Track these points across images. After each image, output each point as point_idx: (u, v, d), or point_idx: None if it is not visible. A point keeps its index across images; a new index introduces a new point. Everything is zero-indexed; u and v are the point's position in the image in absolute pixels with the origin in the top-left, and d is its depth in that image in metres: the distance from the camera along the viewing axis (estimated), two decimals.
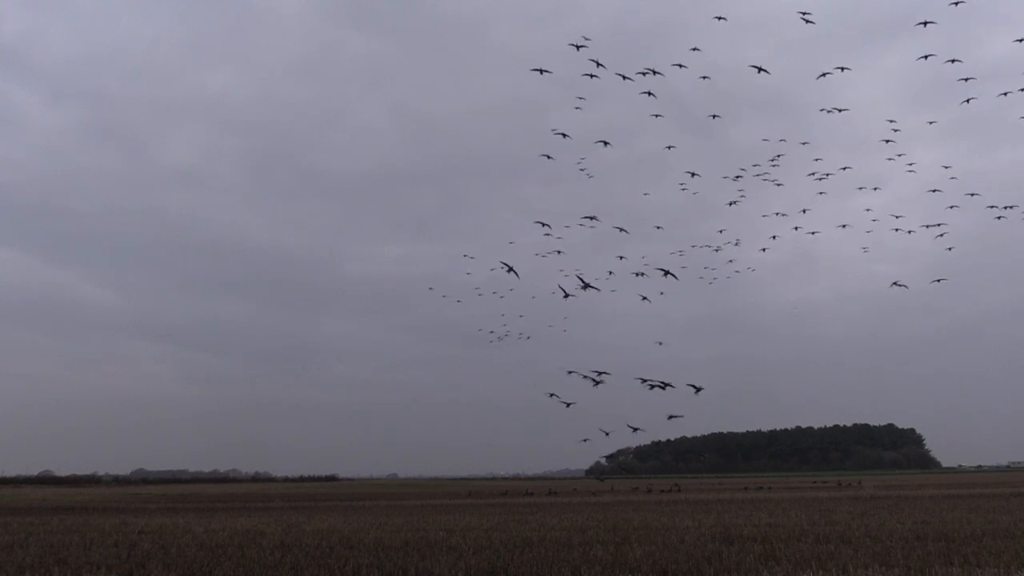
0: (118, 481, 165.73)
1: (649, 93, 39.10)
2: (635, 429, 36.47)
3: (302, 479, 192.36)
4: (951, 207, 49.61)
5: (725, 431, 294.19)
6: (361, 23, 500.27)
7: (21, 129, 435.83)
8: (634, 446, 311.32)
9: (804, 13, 35.66)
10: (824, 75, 42.08)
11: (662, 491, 64.60)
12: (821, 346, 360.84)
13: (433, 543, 20.19)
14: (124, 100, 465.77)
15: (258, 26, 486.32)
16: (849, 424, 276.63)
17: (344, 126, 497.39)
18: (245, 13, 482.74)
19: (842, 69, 42.11)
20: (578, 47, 33.69)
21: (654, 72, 33.88)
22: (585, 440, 40.60)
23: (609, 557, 16.53)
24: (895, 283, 49.08)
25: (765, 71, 39.23)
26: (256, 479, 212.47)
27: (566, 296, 30.11)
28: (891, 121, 48.32)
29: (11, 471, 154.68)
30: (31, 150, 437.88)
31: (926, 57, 40.05)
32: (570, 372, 30.32)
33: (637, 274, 40.73)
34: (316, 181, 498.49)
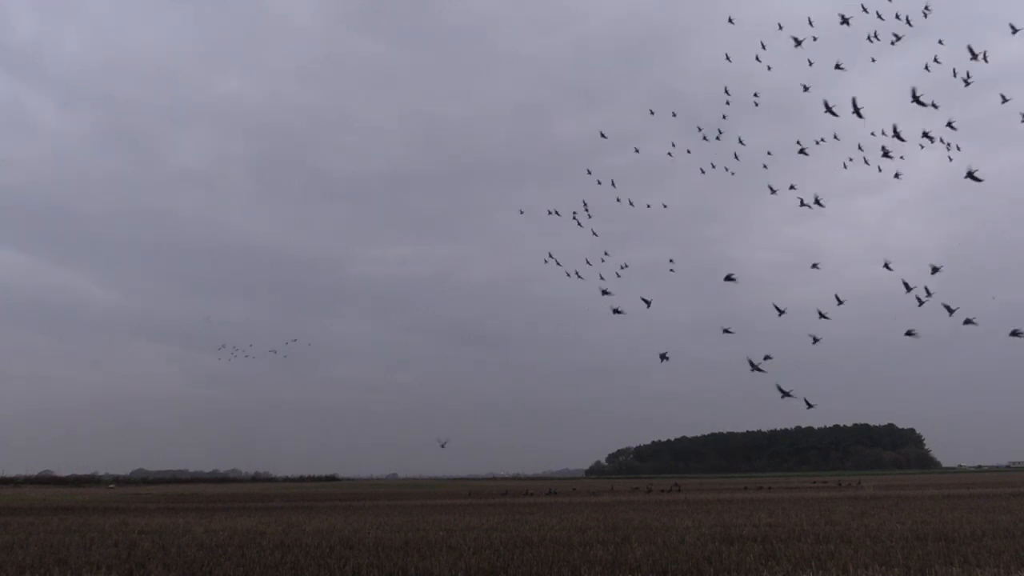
0: (118, 481, 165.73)
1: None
2: (443, 445, 39.03)
3: (302, 479, 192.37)
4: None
5: (725, 431, 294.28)
6: (370, 29, 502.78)
7: (33, 133, 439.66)
8: (634, 446, 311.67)
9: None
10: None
11: (662, 491, 64.60)
12: (821, 346, 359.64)
13: (433, 543, 20.18)
14: (135, 104, 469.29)
15: (269, 32, 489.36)
16: (849, 424, 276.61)
17: (353, 129, 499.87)
18: (256, 19, 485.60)
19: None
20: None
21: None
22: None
23: (609, 557, 16.51)
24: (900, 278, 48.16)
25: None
26: (256, 479, 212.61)
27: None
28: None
29: (11, 471, 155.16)
30: (42, 153, 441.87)
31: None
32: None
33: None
34: (324, 184, 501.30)
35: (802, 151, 49.20)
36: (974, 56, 34.53)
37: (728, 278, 31.78)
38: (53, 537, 23.79)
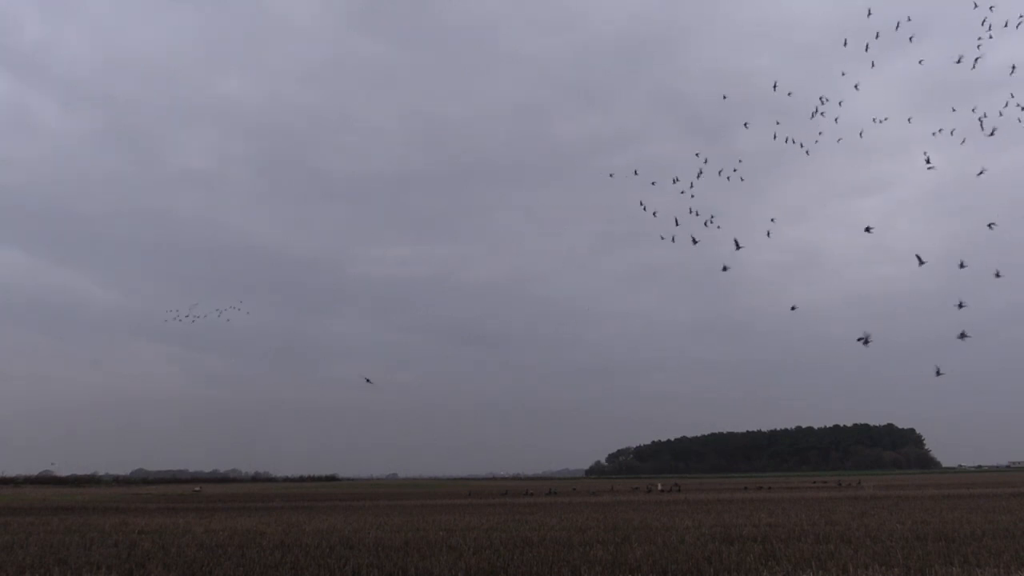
0: (118, 481, 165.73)
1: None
2: (368, 380, 44.48)
3: (302, 479, 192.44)
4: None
5: (725, 431, 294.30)
6: (370, 29, 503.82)
7: (33, 133, 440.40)
8: (634, 446, 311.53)
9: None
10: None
11: (662, 491, 64.57)
12: (821, 346, 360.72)
13: (433, 543, 20.18)
14: (135, 104, 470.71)
15: (269, 32, 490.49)
16: (849, 424, 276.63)
17: (353, 129, 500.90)
18: (256, 19, 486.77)
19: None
20: None
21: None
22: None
23: (609, 557, 16.51)
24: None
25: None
26: (256, 479, 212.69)
27: (960, 307, 30.84)
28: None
29: (11, 471, 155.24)
30: (43, 153, 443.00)
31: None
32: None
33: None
34: (324, 184, 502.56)
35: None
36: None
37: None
38: (53, 537, 23.78)
